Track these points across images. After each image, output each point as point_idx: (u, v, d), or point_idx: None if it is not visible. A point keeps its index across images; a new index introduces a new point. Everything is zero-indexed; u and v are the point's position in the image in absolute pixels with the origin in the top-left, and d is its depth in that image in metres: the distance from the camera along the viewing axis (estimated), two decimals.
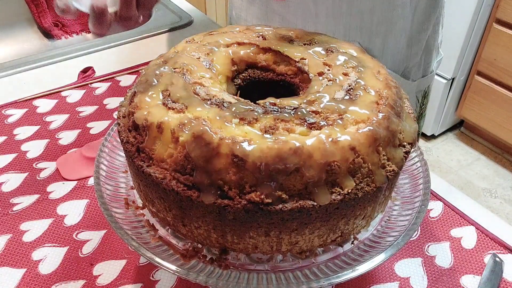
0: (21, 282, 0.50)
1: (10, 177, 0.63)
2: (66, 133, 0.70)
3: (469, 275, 0.52)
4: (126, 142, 0.42)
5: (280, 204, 0.37)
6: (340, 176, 0.37)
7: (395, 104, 0.42)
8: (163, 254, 0.42)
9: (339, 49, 0.48)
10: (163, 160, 0.39)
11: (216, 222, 0.39)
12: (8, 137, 0.69)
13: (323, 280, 0.40)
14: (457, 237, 0.56)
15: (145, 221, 0.45)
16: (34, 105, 0.75)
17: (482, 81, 1.89)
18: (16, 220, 0.57)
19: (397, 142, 0.41)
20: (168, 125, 0.39)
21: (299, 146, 0.36)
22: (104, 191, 0.46)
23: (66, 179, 0.63)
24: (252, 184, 0.36)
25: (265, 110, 0.40)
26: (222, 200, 0.37)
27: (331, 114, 0.40)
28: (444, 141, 2.13)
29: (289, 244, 0.40)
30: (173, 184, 0.38)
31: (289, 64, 0.48)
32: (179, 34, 0.99)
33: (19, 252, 0.53)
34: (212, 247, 0.42)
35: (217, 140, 0.36)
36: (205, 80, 0.44)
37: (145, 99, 0.42)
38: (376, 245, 0.44)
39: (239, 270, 0.42)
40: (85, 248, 0.54)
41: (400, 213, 0.47)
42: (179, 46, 0.49)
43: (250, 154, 0.36)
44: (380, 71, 0.46)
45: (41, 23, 1.16)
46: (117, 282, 0.50)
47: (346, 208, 0.39)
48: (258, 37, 0.50)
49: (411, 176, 0.50)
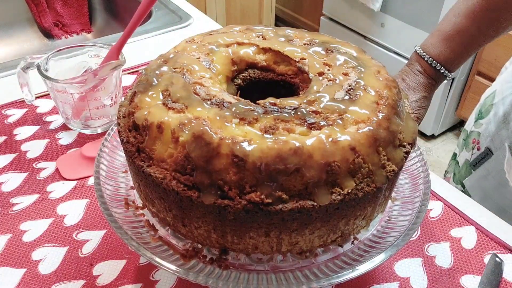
0: (21, 282, 0.50)
1: (10, 177, 0.63)
2: (66, 133, 0.70)
3: (469, 275, 0.52)
4: (126, 142, 0.42)
5: (280, 204, 0.37)
6: (340, 176, 0.37)
7: (395, 104, 0.42)
8: (163, 254, 0.42)
9: (339, 49, 0.48)
10: (163, 160, 0.38)
11: (216, 222, 0.39)
12: (8, 137, 0.69)
13: (323, 280, 0.40)
14: (457, 237, 0.56)
15: (145, 221, 0.45)
16: (34, 105, 0.75)
17: (482, 81, 1.88)
18: (16, 220, 0.57)
19: (397, 142, 0.41)
20: (168, 125, 0.39)
21: (299, 146, 0.36)
22: (104, 191, 0.46)
23: (66, 179, 0.63)
24: (252, 184, 0.36)
25: (265, 110, 0.40)
26: (222, 200, 0.37)
27: (331, 114, 0.40)
28: (444, 141, 2.13)
29: (289, 244, 0.40)
30: (173, 184, 0.38)
31: (289, 64, 0.48)
32: (179, 34, 0.99)
33: (19, 252, 0.53)
34: (212, 247, 0.42)
35: (217, 140, 0.36)
36: (205, 80, 0.44)
37: (145, 99, 0.42)
38: (376, 245, 0.44)
39: (239, 270, 0.42)
40: (85, 248, 0.54)
41: (400, 213, 0.47)
42: (179, 46, 0.49)
43: (250, 154, 0.36)
44: (380, 71, 0.45)
45: (41, 23, 1.16)
46: (117, 282, 0.50)
47: (346, 208, 0.39)
48: (258, 37, 0.50)
49: (411, 176, 0.50)
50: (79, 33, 1.21)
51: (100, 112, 0.68)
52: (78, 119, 0.69)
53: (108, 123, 0.70)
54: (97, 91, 0.66)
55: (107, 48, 0.69)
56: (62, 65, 0.69)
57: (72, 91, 0.64)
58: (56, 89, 0.65)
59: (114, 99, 0.69)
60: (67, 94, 0.65)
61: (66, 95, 0.65)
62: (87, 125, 0.69)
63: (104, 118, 0.70)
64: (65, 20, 1.19)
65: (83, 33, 1.22)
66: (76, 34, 1.21)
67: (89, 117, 0.68)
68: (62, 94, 0.65)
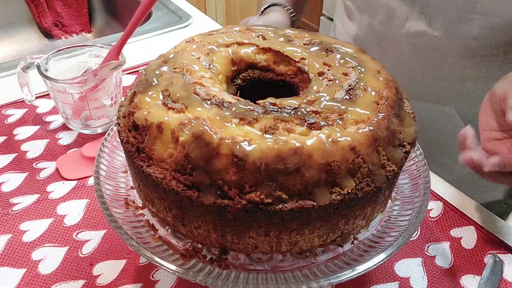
0: (21, 282, 0.50)
1: (10, 177, 0.63)
2: (66, 133, 0.70)
3: (469, 275, 0.52)
4: (126, 142, 0.42)
5: (280, 204, 0.37)
6: (340, 176, 0.37)
7: (395, 104, 0.42)
8: (163, 254, 0.42)
9: (339, 49, 0.48)
10: (163, 160, 0.39)
11: (216, 222, 0.39)
12: (8, 137, 0.69)
13: (323, 280, 0.40)
14: (457, 237, 0.56)
15: (145, 221, 0.45)
16: (34, 105, 0.75)
17: None
18: (16, 220, 0.57)
19: (397, 142, 0.41)
20: (168, 125, 0.39)
21: (299, 146, 0.36)
22: (104, 191, 0.46)
23: (66, 179, 0.63)
24: (252, 184, 0.36)
25: (265, 110, 0.40)
26: (222, 200, 0.37)
27: (331, 114, 0.40)
28: None
29: (289, 244, 0.40)
30: (173, 184, 0.38)
31: (289, 64, 0.48)
32: (179, 34, 0.99)
33: (19, 252, 0.53)
34: (212, 247, 0.42)
35: (217, 140, 0.36)
36: (205, 80, 0.44)
37: (145, 99, 0.42)
38: (376, 245, 0.44)
39: (238, 270, 0.42)
40: (85, 248, 0.54)
41: (400, 213, 0.47)
42: (179, 46, 0.49)
43: (250, 154, 0.36)
44: (380, 71, 0.46)
45: (41, 23, 1.17)
46: (117, 282, 0.50)
47: (346, 208, 0.39)
48: (258, 37, 0.50)
49: (411, 176, 0.50)
50: (79, 33, 1.22)
51: (100, 112, 0.69)
52: (78, 119, 0.69)
53: (108, 123, 0.70)
54: (97, 91, 0.66)
55: (107, 48, 0.69)
56: (62, 65, 0.69)
57: (72, 91, 0.64)
58: (56, 89, 0.65)
59: (114, 99, 0.69)
60: (67, 94, 0.65)
61: (66, 95, 0.65)
62: (87, 125, 0.70)
63: (104, 118, 0.70)
64: (65, 20, 1.19)
65: (83, 33, 1.22)
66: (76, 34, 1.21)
67: (89, 117, 0.68)
68: (62, 94, 0.65)
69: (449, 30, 0.64)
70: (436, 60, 0.68)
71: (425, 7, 0.64)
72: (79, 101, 0.66)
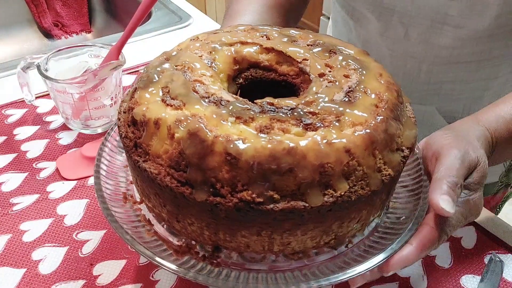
0: (21, 282, 0.50)
1: (10, 177, 0.63)
2: (66, 133, 0.70)
3: (469, 275, 0.52)
4: (125, 137, 0.42)
5: (272, 204, 0.36)
6: (333, 178, 0.37)
7: (395, 107, 0.42)
8: (157, 249, 0.42)
9: (342, 50, 0.48)
10: (159, 155, 0.39)
11: (209, 220, 0.39)
12: (8, 137, 0.69)
13: (323, 280, 0.40)
14: (457, 237, 0.56)
15: (141, 216, 0.46)
16: (34, 105, 0.75)
17: None
18: (16, 220, 0.57)
19: (395, 146, 0.41)
20: (165, 122, 0.39)
21: (293, 147, 0.36)
22: (104, 190, 0.46)
23: (66, 178, 0.63)
24: (245, 183, 0.36)
25: (262, 110, 0.39)
26: (214, 198, 0.36)
27: (328, 115, 0.39)
28: None
29: (281, 244, 0.40)
30: (167, 180, 0.38)
31: (291, 64, 0.48)
32: (179, 34, 0.99)
33: (19, 252, 0.53)
34: (205, 244, 0.42)
35: (212, 138, 0.36)
36: (206, 78, 0.44)
37: (144, 95, 0.42)
38: (375, 245, 0.44)
39: (238, 270, 0.42)
40: (85, 248, 0.54)
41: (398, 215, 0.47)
42: (183, 43, 0.49)
43: (244, 153, 0.36)
44: (382, 74, 0.45)
45: (41, 23, 1.17)
46: (117, 282, 0.50)
47: (340, 210, 0.39)
48: (262, 37, 0.50)
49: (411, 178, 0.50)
50: (79, 33, 1.22)
51: (100, 112, 0.69)
52: (78, 119, 0.69)
53: (108, 123, 0.70)
54: (97, 91, 0.66)
55: (107, 48, 0.69)
56: (62, 65, 0.69)
57: (72, 91, 0.64)
58: (56, 89, 0.65)
59: (114, 99, 0.69)
60: (67, 94, 0.65)
61: (66, 95, 0.65)
62: (87, 125, 0.70)
63: (104, 118, 0.70)
64: (65, 20, 1.19)
65: (83, 33, 1.22)
66: (76, 34, 1.21)
67: (89, 117, 0.68)
68: (62, 94, 0.65)
69: (423, 40, 0.67)
70: (413, 67, 0.71)
71: (402, 17, 0.66)
72: (79, 101, 0.66)
